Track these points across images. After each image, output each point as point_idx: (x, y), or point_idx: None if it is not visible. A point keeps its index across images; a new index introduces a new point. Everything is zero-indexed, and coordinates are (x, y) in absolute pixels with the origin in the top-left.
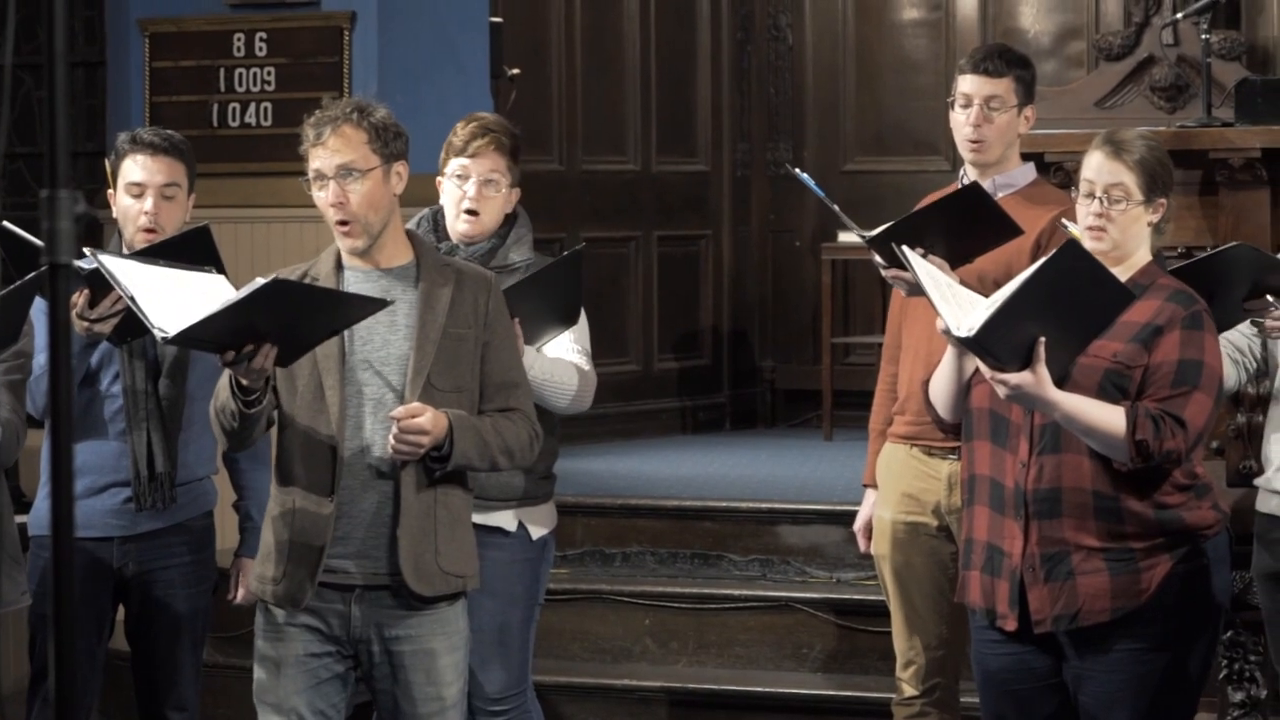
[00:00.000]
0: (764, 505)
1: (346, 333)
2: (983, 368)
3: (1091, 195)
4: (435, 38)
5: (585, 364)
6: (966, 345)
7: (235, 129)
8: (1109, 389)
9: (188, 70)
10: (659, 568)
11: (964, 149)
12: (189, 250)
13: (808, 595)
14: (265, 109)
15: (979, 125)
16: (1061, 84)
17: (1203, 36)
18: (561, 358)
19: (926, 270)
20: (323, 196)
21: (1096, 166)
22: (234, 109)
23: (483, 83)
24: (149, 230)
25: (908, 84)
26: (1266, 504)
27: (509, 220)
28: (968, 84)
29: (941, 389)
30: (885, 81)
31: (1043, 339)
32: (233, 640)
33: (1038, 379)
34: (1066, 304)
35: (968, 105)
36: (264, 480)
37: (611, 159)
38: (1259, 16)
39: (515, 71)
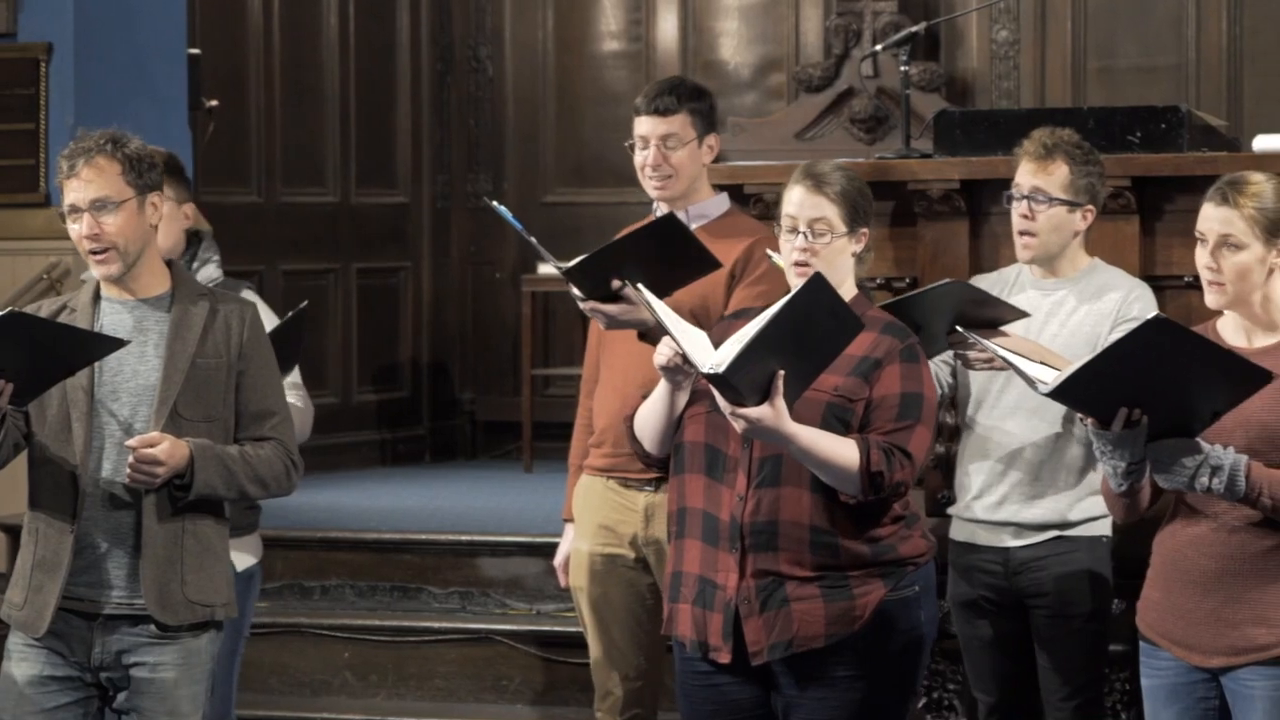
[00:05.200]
0: (464, 537)
1: (98, 364)
2: (722, 403)
3: (795, 230)
4: (133, 69)
5: (300, 401)
6: (712, 382)
7: None
8: (831, 422)
9: None
10: (358, 601)
11: (649, 189)
12: None
13: (508, 627)
14: None
15: (658, 165)
16: (762, 115)
17: (902, 68)
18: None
19: (664, 307)
20: (77, 229)
21: (798, 201)
22: None
23: (181, 114)
24: None
25: (608, 115)
26: (960, 532)
27: (192, 240)
28: (643, 125)
29: (652, 423)
30: (585, 113)
31: (781, 372)
32: None
33: (776, 412)
34: (805, 337)
35: (645, 147)
36: None
37: (310, 191)
38: (958, 49)
39: (214, 103)
